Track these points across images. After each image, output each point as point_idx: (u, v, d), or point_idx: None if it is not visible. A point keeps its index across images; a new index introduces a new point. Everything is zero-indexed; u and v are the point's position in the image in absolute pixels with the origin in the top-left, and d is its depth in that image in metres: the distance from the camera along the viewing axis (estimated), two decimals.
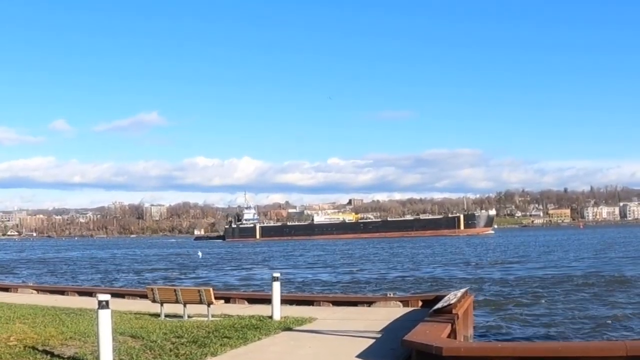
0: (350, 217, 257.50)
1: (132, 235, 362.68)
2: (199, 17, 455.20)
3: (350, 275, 52.47)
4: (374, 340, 15.03)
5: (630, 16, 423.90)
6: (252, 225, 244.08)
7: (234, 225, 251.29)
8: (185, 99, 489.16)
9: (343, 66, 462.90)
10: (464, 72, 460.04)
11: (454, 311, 15.73)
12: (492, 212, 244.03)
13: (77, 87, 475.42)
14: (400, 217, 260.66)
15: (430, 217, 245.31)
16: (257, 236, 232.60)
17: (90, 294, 26.89)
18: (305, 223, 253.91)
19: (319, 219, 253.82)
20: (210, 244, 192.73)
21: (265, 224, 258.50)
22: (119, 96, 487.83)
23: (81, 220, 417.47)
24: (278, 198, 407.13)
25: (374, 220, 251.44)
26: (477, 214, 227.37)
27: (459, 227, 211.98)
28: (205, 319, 18.83)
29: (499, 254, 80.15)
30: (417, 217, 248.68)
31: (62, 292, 28.82)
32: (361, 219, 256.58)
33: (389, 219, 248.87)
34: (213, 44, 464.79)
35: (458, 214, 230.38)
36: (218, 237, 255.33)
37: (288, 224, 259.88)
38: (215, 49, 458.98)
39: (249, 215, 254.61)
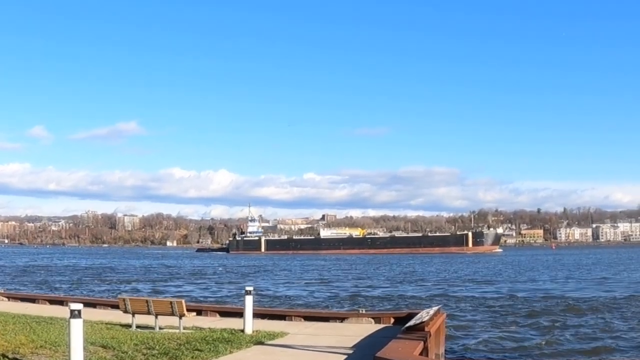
0: (357, 232, 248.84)
1: (105, 245, 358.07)
2: (181, 28, 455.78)
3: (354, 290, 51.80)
4: (345, 357, 15.03)
5: (606, 35, 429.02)
6: (256, 238, 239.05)
7: (238, 238, 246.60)
8: (165, 109, 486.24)
9: (320, 81, 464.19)
10: (441, 91, 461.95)
11: (426, 329, 15.81)
12: (500, 230, 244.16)
13: (56, 95, 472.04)
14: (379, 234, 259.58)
15: (439, 234, 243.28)
16: (262, 249, 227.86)
17: (61, 302, 26.70)
18: (312, 237, 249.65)
19: (325, 233, 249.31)
20: (213, 256, 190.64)
21: (270, 237, 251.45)
22: (99, 105, 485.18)
23: (53, 228, 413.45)
24: (252, 212, 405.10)
25: (381, 236, 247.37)
26: (485, 232, 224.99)
27: (467, 244, 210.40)
28: (177, 331, 18.75)
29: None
30: (426, 233, 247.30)
31: (33, 300, 28.59)
32: (368, 234, 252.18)
33: (396, 234, 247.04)
34: (194, 56, 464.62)
35: (466, 232, 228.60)
36: (221, 250, 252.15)
37: (294, 237, 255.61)
38: (197, 60, 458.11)
39: (253, 228, 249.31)
